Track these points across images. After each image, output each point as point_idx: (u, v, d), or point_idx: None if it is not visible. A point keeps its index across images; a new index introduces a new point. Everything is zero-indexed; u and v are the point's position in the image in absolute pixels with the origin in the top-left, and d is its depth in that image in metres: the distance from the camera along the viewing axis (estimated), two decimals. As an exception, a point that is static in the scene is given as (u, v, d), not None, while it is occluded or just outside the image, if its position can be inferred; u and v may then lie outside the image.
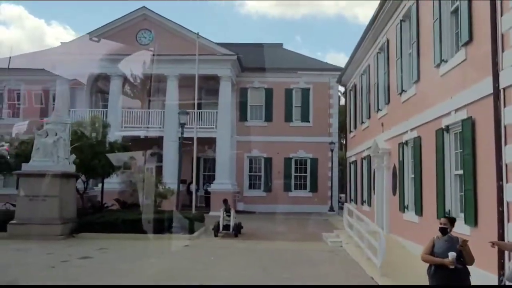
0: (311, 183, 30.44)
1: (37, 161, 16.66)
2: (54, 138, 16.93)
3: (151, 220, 17.13)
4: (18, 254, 13.57)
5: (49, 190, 16.36)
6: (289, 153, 30.51)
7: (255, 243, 16.32)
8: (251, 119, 30.78)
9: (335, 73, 30.80)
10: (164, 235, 16.99)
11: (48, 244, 15.00)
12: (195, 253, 14.31)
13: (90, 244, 15.25)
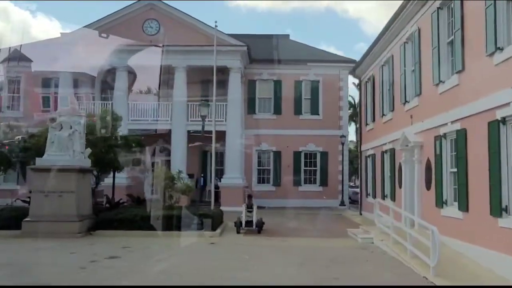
0: (321, 177, 29.90)
1: (52, 155, 15.83)
2: (69, 131, 16.11)
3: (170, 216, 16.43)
4: (40, 253, 12.83)
5: (66, 185, 15.58)
6: (298, 146, 29.91)
7: (281, 240, 15.72)
8: (259, 112, 30.09)
9: (345, 65, 30.32)
10: (185, 232, 16.28)
11: (67, 243, 14.25)
12: (225, 251, 13.62)
13: (111, 242, 14.52)
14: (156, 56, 26.64)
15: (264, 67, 29.76)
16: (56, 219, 15.27)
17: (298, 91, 30.12)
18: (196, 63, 26.91)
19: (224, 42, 26.90)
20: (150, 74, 28.61)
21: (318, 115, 30.08)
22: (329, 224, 21.18)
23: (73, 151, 16.07)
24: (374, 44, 21.01)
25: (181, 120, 26.77)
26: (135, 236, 15.48)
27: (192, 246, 14.31)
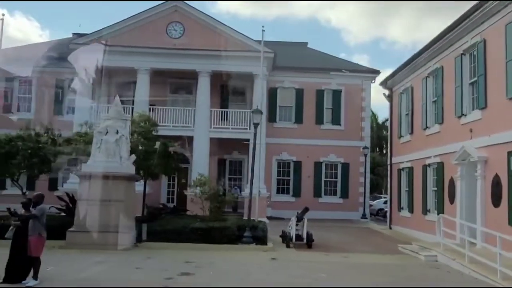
0: (342, 189, 29.28)
1: (99, 161, 14.81)
2: (116, 136, 15.12)
3: (222, 228, 15.60)
4: (102, 267, 11.83)
5: (114, 194, 14.59)
6: (319, 157, 29.26)
7: (342, 256, 14.97)
8: (280, 120, 29.38)
9: (368, 75, 29.94)
10: (237, 246, 15.49)
11: (122, 255, 13.37)
12: (296, 268, 12.79)
13: (168, 255, 13.63)
14: (179, 60, 25.83)
15: (286, 74, 29.12)
16: (103, 229, 14.27)
17: (320, 100, 29.52)
18: (220, 68, 26.10)
19: (250, 48, 26.20)
20: (172, 78, 27.74)
21: (340, 125, 29.51)
22: (369, 238, 20.56)
23: (120, 157, 15.09)
24: (416, 55, 20.57)
25: (203, 127, 25.86)
26: (187, 249, 14.61)
27: (256, 261, 13.41)
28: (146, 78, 25.95)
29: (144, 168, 17.28)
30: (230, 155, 29.00)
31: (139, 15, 26.04)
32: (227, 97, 29.16)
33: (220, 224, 15.92)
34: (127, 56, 25.51)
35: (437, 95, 19.09)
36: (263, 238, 16.23)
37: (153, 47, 25.44)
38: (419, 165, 20.57)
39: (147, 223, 15.99)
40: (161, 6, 26.24)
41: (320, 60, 31.20)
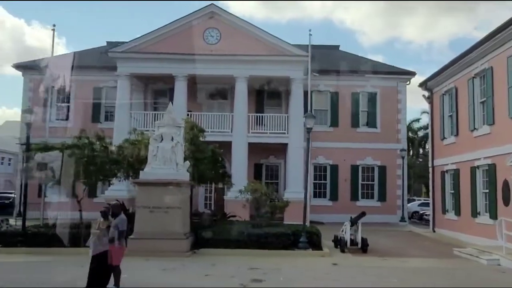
0: (379, 192, 29.05)
1: (156, 169, 14.87)
2: (171, 143, 15.17)
3: (279, 234, 15.54)
4: (172, 274, 11.86)
5: (171, 201, 14.63)
6: (356, 160, 29.07)
7: (401, 261, 14.84)
8: (315, 124, 28.89)
9: (403, 77, 29.70)
10: (293, 252, 15.40)
11: (185, 262, 13.43)
12: (363, 274, 12.65)
13: (230, 262, 13.61)
14: (217, 66, 25.87)
15: (321, 78, 28.93)
16: (162, 236, 14.31)
17: (355, 103, 29.37)
18: (257, 73, 26.07)
19: (287, 52, 26.17)
20: (209, 84, 27.79)
21: (376, 128, 29.30)
22: (417, 242, 20.36)
23: (176, 164, 15.13)
24: (461, 56, 20.32)
25: (242, 132, 25.85)
26: (245, 255, 14.58)
27: (319, 267, 13.32)
28: (183, 84, 26.03)
29: (195, 174, 17.27)
30: (266, 159, 29.00)
31: (175, 22, 26.14)
32: (263, 101, 29.18)
33: (276, 230, 15.88)
34: (165, 63, 25.61)
35: (486, 96, 18.81)
36: (317, 243, 16.12)
37: (191, 54, 25.48)
38: (467, 167, 20.28)
39: (202, 229, 16.01)
40: (198, 13, 26.32)
41: (354, 62, 31.03)
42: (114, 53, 25.87)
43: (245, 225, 17.11)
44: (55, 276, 11.80)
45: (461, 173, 20.95)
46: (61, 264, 13.14)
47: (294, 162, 26.10)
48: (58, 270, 12.41)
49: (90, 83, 28.63)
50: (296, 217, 21.70)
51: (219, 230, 15.99)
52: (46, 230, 15.49)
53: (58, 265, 13.07)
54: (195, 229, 15.90)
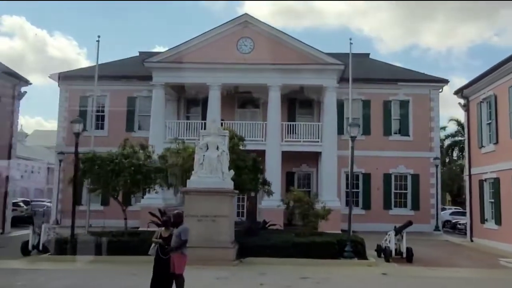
0: (413, 201, 28.81)
1: (202, 177, 14.99)
2: (217, 152, 15.29)
3: (325, 243, 15.52)
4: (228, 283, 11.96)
5: (219, 209, 14.73)
6: (388, 168, 28.90)
7: (451, 271, 14.68)
8: (347, 132, 29.03)
9: (436, 85, 29.53)
10: (338, 260, 15.36)
11: (235, 271, 13.48)
12: (415, 284, 12.58)
13: (278, 270, 13.63)
14: (250, 75, 26.04)
15: (352, 86, 28.79)
16: (210, 245, 14.37)
17: (388, 111, 29.26)
18: (290, 82, 26.22)
19: (320, 60, 26.26)
20: (242, 92, 27.99)
21: (408, 136, 29.13)
22: (459, 251, 20.22)
23: (222, 173, 15.24)
24: (501, 64, 20.15)
25: (275, 140, 25.93)
26: (291, 264, 14.57)
27: (369, 277, 13.31)
28: (217, 93, 26.22)
29: (237, 183, 17.36)
30: (298, 168, 29.03)
31: (210, 32, 26.43)
32: (294, 110, 29.27)
33: (321, 239, 15.87)
34: (200, 72, 25.83)
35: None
36: (362, 253, 16.07)
37: (225, 63, 25.74)
38: (508, 176, 20.02)
39: (245, 238, 16.08)
40: (231, 23, 26.60)
41: (385, 70, 30.97)
42: (149, 63, 26.21)
43: (287, 234, 17.11)
44: (111, 284, 11.95)
45: (502, 181, 20.69)
46: (113, 272, 13.31)
47: (328, 170, 26.09)
48: (112, 278, 12.57)
49: (124, 92, 29.01)
50: (330, 225, 21.64)
51: (263, 239, 16.02)
52: (94, 238, 15.67)
53: (110, 273, 13.24)
54: (237, 237, 15.96)
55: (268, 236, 16.58)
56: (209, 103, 26.35)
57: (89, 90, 28.85)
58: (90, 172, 16.04)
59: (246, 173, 17.80)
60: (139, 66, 27.74)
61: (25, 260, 15.38)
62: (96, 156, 16.14)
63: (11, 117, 23.60)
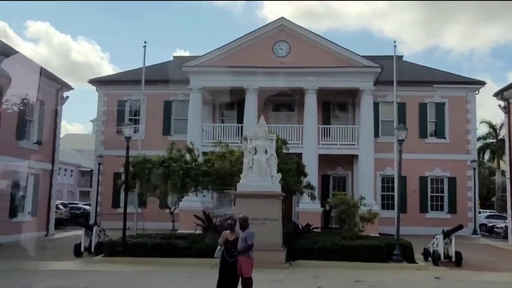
0: (449, 204, 28.55)
1: (252, 181, 15.16)
2: (266, 155, 15.45)
3: (373, 246, 15.54)
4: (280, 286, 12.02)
5: (269, 212, 14.87)
6: (424, 171, 28.70)
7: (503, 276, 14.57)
8: (382, 135, 29.03)
9: (472, 86, 29.25)
10: (387, 264, 15.35)
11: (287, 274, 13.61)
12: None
13: (331, 274, 13.75)
14: (286, 78, 26.17)
15: (387, 88, 28.63)
16: (261, 248, 14.37)
17: (423, 114, 29.07)
18: (327, 85, 26.28)
19: (357, 63, 26.27)
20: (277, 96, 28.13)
21: (445, 138, 28.90)
22: (503, 256, 19.97)
23: (271, 176, 15.40)
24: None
25: (312, 143, 25.99)
26: (341, 267, 14.67)
27: (423, 281, 13.30)
28: (254, 97, 26.42)
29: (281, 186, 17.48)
30: (333, 171, 29.04)
31: (246, 36, 26.66)
32: (329, 113, 29.29)
33: (369, 242, 15.89)
34: (236, 76, 26.04)
35: None
36: (410, 256, 16.03)
37: (261, 67, 25.93)
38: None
39: (292, 240, 16.18)
40: (268, 26, 26.81)
41: (419, 72, 30.79)
42: (187, 67, 26.53)
43: (332, 237, 17.16)
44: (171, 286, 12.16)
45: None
46: (169, 274, 13.53)
47: (365, 173, 26.08)
48: (170, 281, 12.79)
49: (161, 96, 29.38)
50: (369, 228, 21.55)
51: (311, 241, 16.11)
52: (145, 241, 15.95)
53: (166, 275, 13.47)
54: (284, 240, 16.07)
55: (314, 239, 16.63)
56: (245, 107, 26.57)
57: (126, 94, 29.49)
58: (141, 175, 16.32)
59: (291, 176, 17.93)
60: (175, 70, 28.15)
61: (80, 261, 15.73)
62: (146, 159, 16.41)
63: (54, 121, 24.10)
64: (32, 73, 22.16)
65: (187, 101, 28.67)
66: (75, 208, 35.22)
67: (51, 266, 14.86)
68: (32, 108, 22.52)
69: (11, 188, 20.82)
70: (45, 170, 23.50)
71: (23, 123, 21.72)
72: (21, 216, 21.63)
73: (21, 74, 21.65)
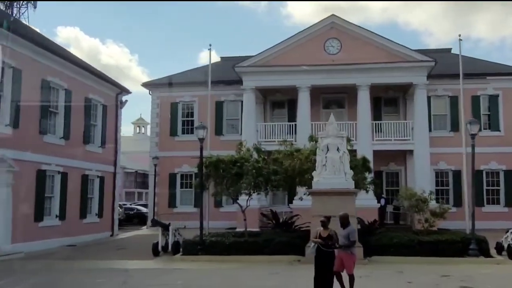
0: (506, 197, 28.11)
1: (327, 178, 15.38)
2: (338, 153, 15.64)
3: (451, 241, 15.58)
4: (373, 281, 12.21)
5: (344, 209, 14.77)
6: (479, 165, 28.08)
7: None
8: (435, 129, 28.77)
9: (526, 78, 28.70)
10: (465, 259, 15.35)
11: (369, 270, 13.68)
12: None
13: (413, 269, 13.85)
14: (338, 75, 26.25)
15: (439, 82, 28.51)
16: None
17: (476, 107, 28.63)
18: (379, 81, 26.28)
19: (409, 57, 26.16)
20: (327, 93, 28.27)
21: (499, 131, 28.46)
22: None
23: (345, 174, 15.58)
24: None
25: (366, 140, 25.99)
26: (421, 263, 14.79)
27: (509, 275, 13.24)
28: (306, 95, 26.59)
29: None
30: (386, 166, 28.96)
31: (297, 35, 26.88)
32: (380, 109, 29.21)
33: (445, 237, 15.91)
34: (289, 75, 26.30)
35: None
36: (486, 251, 15.98)
37: (313, 65, 26.07)
38: None
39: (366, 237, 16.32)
40: (318, 24, 26.91)
41: (471, 65, 30.34)
42: (240, 68, 26.88)
43: (403, 232, 17.23)
44: (259, 283, 12.45)
45: None
46: (252, 271, 13.85)
47: (420, 168, 25.98)
48: (255, 277, 13.07)
49: (212, 97, 29.71)
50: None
51: (386, 237, 16.21)
52: (222, 239, 16.31)
53: (250, 272, 13.79)
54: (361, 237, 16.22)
55: (387, 234, 16.71)
56: (298, 105, 26.79)
57: (178, 96, 30.01)
58: (215, 175, 16.70)
59: (357, 172, 18.04)
60: (224, 71, 28.56)
61: (160, 260, 16.21)
62: (219, 159, 16.78)
63: (115, 125, 24.80)
64: (96, 79, 22.87)
65: (238, 101, 29.14)
66: (128, 208, 36.07)
67: (136, 264, 15.37)
68: (96, 112, 23.21)
69: (80, 190, 21.54)
70: (108, 173, 24.22)
71: (89, 128, 22.42)
72: (89, 218, 22.38)
73: (87, 80, 22.41)
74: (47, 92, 19.48)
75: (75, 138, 21.16)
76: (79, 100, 21.50)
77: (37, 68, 18.77)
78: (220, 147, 25.56)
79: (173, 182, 29.20)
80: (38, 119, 18.89)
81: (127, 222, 32.97)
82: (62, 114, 20.39)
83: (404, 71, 26.15)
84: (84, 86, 22.12)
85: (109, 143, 24.15)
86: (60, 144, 20.20)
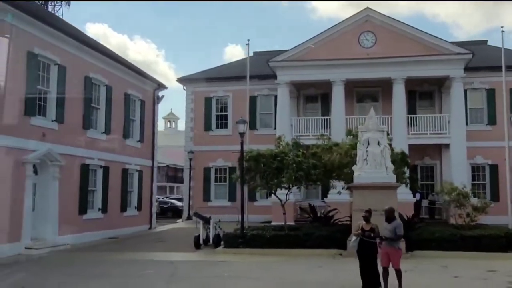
0: (546, 192, 27.52)
1: (368, 172, 15.43)
2: (379, 147, 15.65)
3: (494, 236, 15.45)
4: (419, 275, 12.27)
5: (386, 203, 14.81)
6: (517, 158, 27.76)
7: None
8: (471, 123, 28.34)
9: None
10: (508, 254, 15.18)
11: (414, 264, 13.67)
12: None
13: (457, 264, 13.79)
14: (373, 69, 26.11)
15: (475, 75, 28.01)
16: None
17: (515, 100, 28.11)
18: (415, 74, 26.06)
19: (446, 50, 25.83)
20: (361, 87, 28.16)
21: (541, 124, 27.86)
22: None
23: (386, 168, 15.59)
24: None
25: (401, 134, 25.81)
26: (464, 257, 14.68)
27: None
28: (341, 89, 26.54)
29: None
30: (421, 161, 28.70)
31: (331, 28, 26.85)
32: (415, 102, 28.93)
33: (489, 232, 15.79)
34: (323, 69, 26.30)
35: None
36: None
37: (348, 59, 26.01)
38: None
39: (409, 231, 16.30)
40: (352, 18, 26.80)
41: (508, 56, 29.72)
42: (274, 62, 26.99)
43: (444, 227, 17.15)
44: (306, 276, 12.61)
45: None
46: (296, 264, 14.03)
47: (457, 162, 25.67)
48: (301, 270, 13.23)
49: (246, 92, 29.94)
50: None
51: (428, 232, 16.17)
52: (263, 233, 16.52)
53: (294, 265, 13.96)
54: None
55: (428, 229, 16.67)
56: (332, 99, 26.79)
57: (212, 91, 30.33)
58: (256, 169, 16.90)
59: (396, 167, 17.98)
60: (257, 65, 28.67)
61: (202, 252, 16.54)
62: (260, 153, 16.96)
63: (152, 120, 25.26)
64: (134, 75, 23.30)
65: (271, 95, 29.30)
66: (163, 202, 36.69)
67: (180, 257, 15.71)
68: (134, 107, 23.68)
69: (121, 184, 22.05)
70: (146, 167, 24.70)
71: (128, 122, 22.90)
72: (129, 211, 22.91)
73: (125, 76, 22.86)
74: (89, 88, 19.99)
75: (115, 133, 21.67)
76: (119, 96, 21.99)
77: (80, 64, 19.27)
78: (254, 141, 25.73)
79: (207, 176, 29.57)
80: (81, 114, 19.41)
81: (162, 216, 33.56)
82: (103, 109, 20.90)
83: (440, 64, 25.85)
84: (123, 82, 22.60)
85: (147, 137, 24.62)
86: (101, 138, 20.73)
